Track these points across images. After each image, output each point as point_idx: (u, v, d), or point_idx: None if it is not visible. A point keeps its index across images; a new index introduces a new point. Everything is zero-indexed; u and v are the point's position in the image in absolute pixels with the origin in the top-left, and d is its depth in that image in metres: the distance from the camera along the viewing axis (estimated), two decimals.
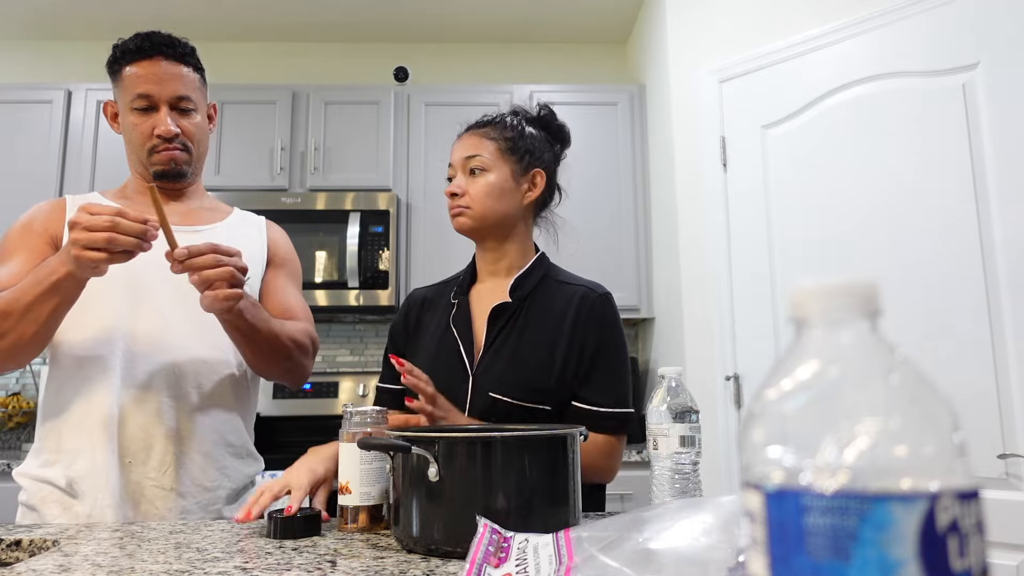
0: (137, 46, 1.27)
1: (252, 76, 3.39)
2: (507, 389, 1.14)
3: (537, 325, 1.19)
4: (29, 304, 1.08)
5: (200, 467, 1.24)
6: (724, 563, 0.58)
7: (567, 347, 1.16)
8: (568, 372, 1.16)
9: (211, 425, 1.26)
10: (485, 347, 1.19)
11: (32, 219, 1.28)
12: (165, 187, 1.34)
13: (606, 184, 2.95)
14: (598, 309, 1.19)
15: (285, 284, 1.39)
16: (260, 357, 1.26)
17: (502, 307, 1.20)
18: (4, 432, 2.97)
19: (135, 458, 1.19)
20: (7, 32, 3.31)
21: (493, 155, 1.22)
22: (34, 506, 1.21)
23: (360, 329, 3.22)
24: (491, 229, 1.22)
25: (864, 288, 0.33)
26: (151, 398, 1.21)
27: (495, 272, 1.26)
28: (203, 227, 1.34)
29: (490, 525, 0.75)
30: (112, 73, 1.30)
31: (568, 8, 3.19)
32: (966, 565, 0.29)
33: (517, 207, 1.23)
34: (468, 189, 1.21)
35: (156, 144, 1.28)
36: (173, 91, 1.27)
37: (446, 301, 1.28)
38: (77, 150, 2.88)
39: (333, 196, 2.84)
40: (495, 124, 1.25)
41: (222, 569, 0.76)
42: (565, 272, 1.29)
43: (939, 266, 1.86)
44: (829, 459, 0.30)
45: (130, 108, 1.28)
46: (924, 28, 1.96)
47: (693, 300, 2.45)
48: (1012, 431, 1.70)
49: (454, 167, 1.24)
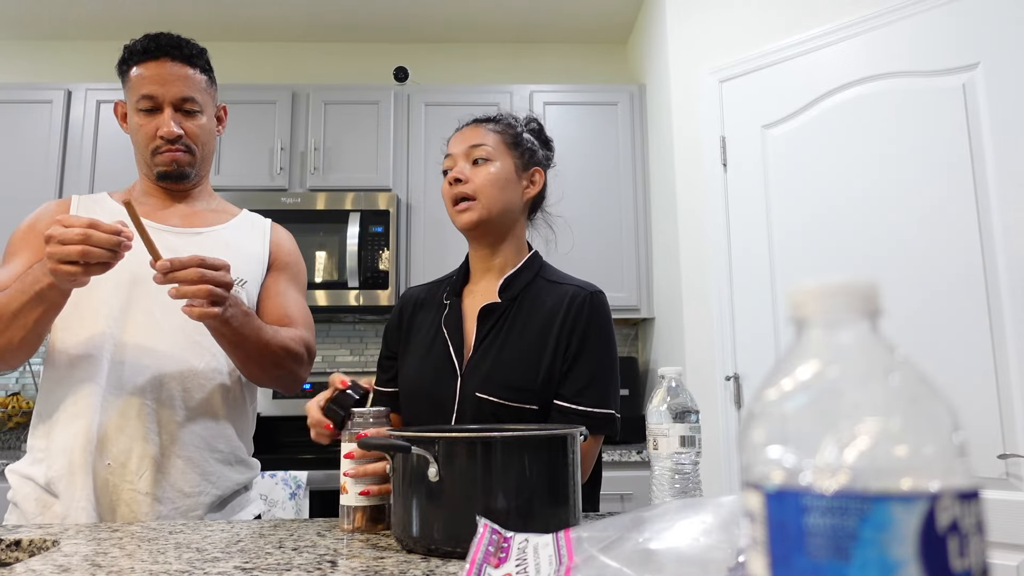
0: (144, 47, 1.28)
1: (252, 76, 3.39)
2: (493, 389, 1.13)
3: (525, 325, 1.17)
4: (16, 311, 1.09)
5: (181, 472, 1.23)
6: (724, 563, 0.58)
7: (554, 347, 1.15)
8: (554, 371, 1.14)
9: (196, 431, 1.25)
10: (474, 347, 1.18)
11: (37, 219, 1.29)
12: (169, 188, 1.34)
13: (606, 184, 2.95)
14: (586, 308, 1.17)
15: (285, 289, 1.38)
16: (249, 365, 1.26)
17: (491, 307, 1.19)
18: (4, 432, 2.97)
19: (115, 460, 1.19)
20: (7, 32, 3.31)
21: (497, 146, 1.20)
22: (17, 503, 1.23)
23: (360, 329, 3.22)
24: (495, 223, 1.20)
25: (864, 288, 0.33)
26: (135, 402, 1.21)
27: (488, 270, 1.25)
28: (204, 229, 1.34)
29: (490, 525, 0.75)
30: (121, 74, 1.31)
31: (568, 8, 3.19)
32: (966, 565, 0.29)
33: (518, 202, 1.22)
34: (472, 177, 1.18)
35: (159, 145, 1.28)
36: (177, 92, 1.28)
37: (439, 301, 1.27)
38: (77, 150, 2.88)
39: (333, 196, 2.84)
40: (497, 120, 1.25)
41: (222, 569, 0.76)
42: (558, 272, 1.27)
43: (939, 266, 1.86)
44: (829, 459, 0.30)
45: (135, 109, 1.29)
46: (924, 28, 1.96)
47: (693, 300, 2.45)
48: (1012, 431, 1.70)
49: (453, 157, 1.21)
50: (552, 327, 1.16)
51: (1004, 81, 1.80)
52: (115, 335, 1.22)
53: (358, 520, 0.97)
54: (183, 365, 1.24)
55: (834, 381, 0.32)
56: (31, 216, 1.31)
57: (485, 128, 1.22)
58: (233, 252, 1.31)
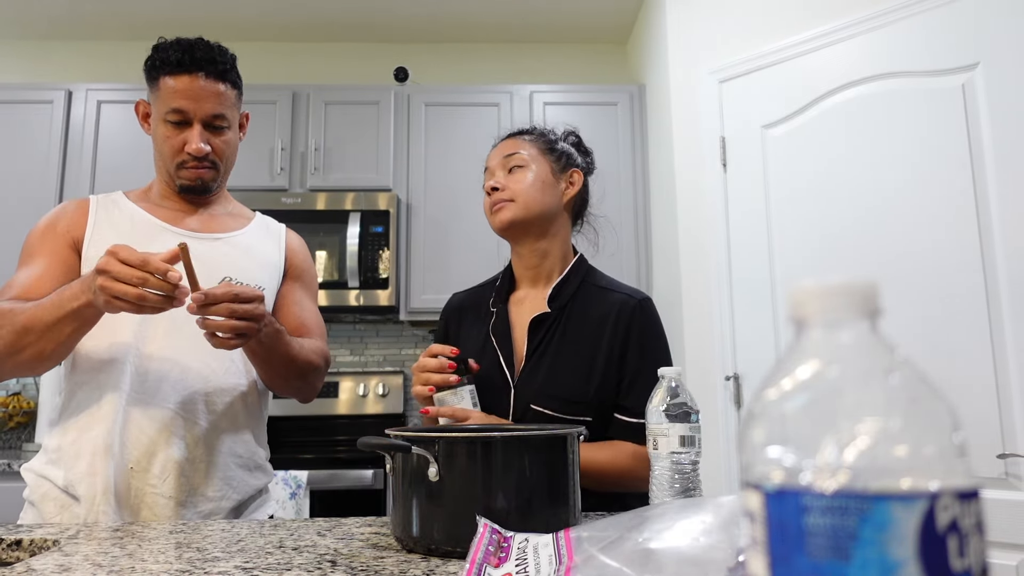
0: (178, 59, 1.24)
1: (252, 76, 3.37)
2: (546, 401, 1.13)
3: (576, 335, 1.18)
4: (50, 324, 1.09)
5: (204, 477, 1.23)
6: (724, 563, 0.58)
7: (606, 358, 1.16)
8: (608, 383, 1.15)
9: (218, 436, 1.25)
10: (526, 358, 1.18)
11: (56, 220, 1.28)
12: (189, 198, 1.34)
13: (606, 184, 2.95)
14: (637, 317, 1.18)
15: (301, 298, 1.39)
16: (274, 377, 1.28)
17: (541, 318, 1.19)
18: (4, 432, 2.97)
19: (137, 464, 1.19)
20: (7, 32, 3.31)
21: (532, 153, 1.23)
22: (34, 502, 1.23)
23: (360, 329, 3.22)
24: (534, 223, 1.21)
25: (864, 288, 0.33)
26: (157, 407, 1.21)
27: (535, 278, 1.25)
28: (222, 235, 1.34)
29: (490, 525, 0.75)
30: (149, 77, 1.28)
31: (568, 8, 3.19)
32: (966, 565, 0.29)
33: (557, 203, 1.23)
34: (508, 184, 1.20)
35: (185, 160, 1.27)
36: (209, 110, 1.26)
37: (485, 308, 1.28)
38: (77, 150, 2.88)
39: (333, 196, 2.84)
40: (530, 131, 1.29)
41: (222, 569, 0.76)
42: (605, 277, 1.28)
43: (939, 266, 1.86)
44: (829, 459, 0.30)
45: (163, 119, 1.26)
46: (924, 28, 1.96)
47: (693, 300, 2.45)
48: (1012, 431, 1.70)
49: (491, 170, 1.24)
50: (603, 337, 1.17)
51: (1004, 81, 1.80)
52: (139, 340, 1.22)
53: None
54: (205, 371, 1.24)
55: (834, 381, 0.32)
56: (49, 216, 1.29)
57: (520, 139, 1.26)
58: (252, 258, 1.34)
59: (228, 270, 1.28)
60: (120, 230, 1.27)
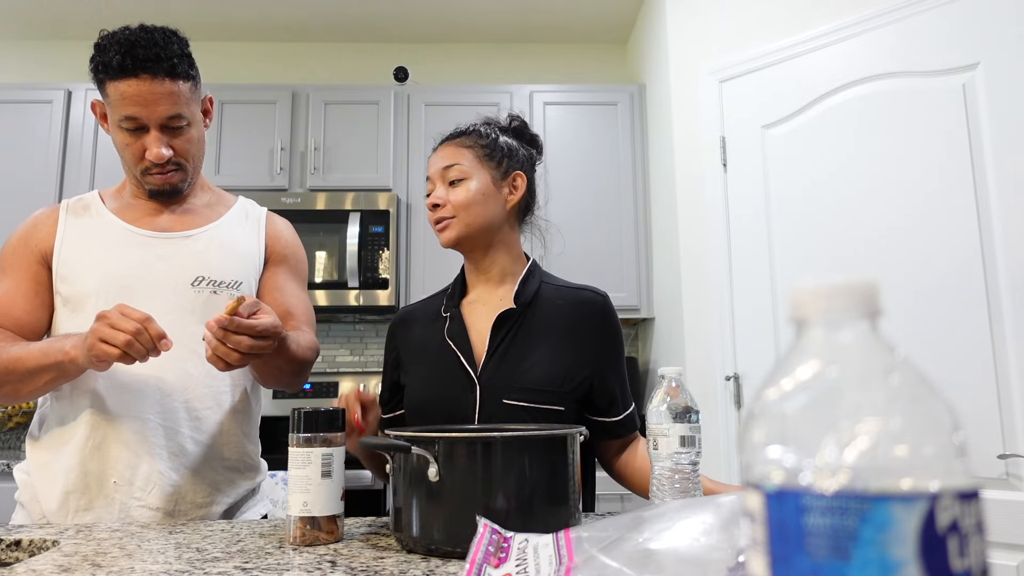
0: (120, 64, 1.15)
1: (252, 76, 3.39)
2: (518, 394, 1.14)
3: (542, 329, 1.20)
4: (31, 370, 1.11)
5: (191, 485, 1.22)
6: (724, 563, 0.58)
7: (576, 351, 1.18)
8: (577, 373, 1.17)
9: (202, 441, 1.23)
10: (488, 354, 1.18)
11: (29, 234, 1.26)
12: (161, 199, 1.30)
13: (606, 184, 2.95)
14: (603, 314, 1.22)
15: (284, 283, 1.36)
16: (268, 377, 1.27)
17: (508, 313, 1.20)
18: (4, 432, 2.97)
19: (120, 478, 1.17)
20: (7, 32, 3.31)
21: (471, 163, 1.21)
22: (24, 504, 1.23)
23: (360, 329, 3.22)
24: (478, 238, 1.21)
25: (864, 288, 0.33)
26: (137, 417, 1.19)
27: (487, 281, 1.26)
28: (196, 231, 1.29)
29: (490, 525, 0.75)
30: (95, 80, 1.20)
31: (568, 8, 3.19)
32: (966, 565, 0.29)
33: (501, 212, 1.23)
34: (449, 199, 1.20)
35: (148, 167, 1.23)
36: (164, 112, 1.18)
37: (434, 315, 1.27)
38: (77, 150, 2.88)
39: (333, 196, 2.84)
40: (469, 134, 1.25)
41: (222, 569, 0.76)
42: (556, 277, 1.31)
43: (939, 266, 1.86)
44: (829, 459, 0.30)
45: (118, 126, 1.20)
46: (924, 28, 1.96)
47: (693, 300, 2.45)
48: (1012, 431, 1.70)
49: (432, 180, 1.23)
50: (571, 330, 1.19)
51: (1004, 81, 1.80)
52: None
53: (293, 534, 0.90)
54: (183, 376, 1.22)
55: (834, 381, 0.32)
56: (23, 227, 1.26)
57: (457, 146, 1.23)
58: (227, 254, 1.30)
59: (200, 270, 1.25)
60: (88, 237, 1.24)
